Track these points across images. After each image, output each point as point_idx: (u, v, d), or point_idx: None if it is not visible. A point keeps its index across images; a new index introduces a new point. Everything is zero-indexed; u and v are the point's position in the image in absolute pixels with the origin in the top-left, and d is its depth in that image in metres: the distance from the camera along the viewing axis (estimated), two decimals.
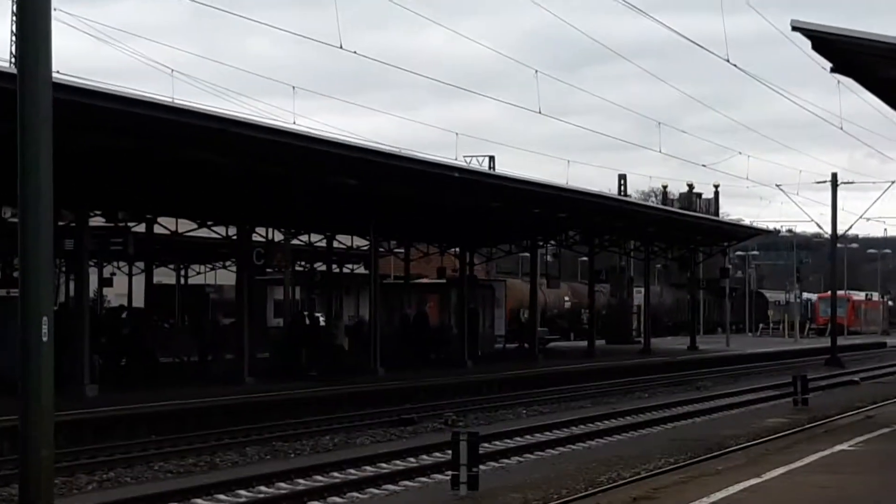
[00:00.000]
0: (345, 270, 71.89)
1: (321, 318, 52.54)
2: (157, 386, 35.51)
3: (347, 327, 51.48)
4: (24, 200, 12.65)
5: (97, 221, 38.75)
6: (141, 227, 46.15)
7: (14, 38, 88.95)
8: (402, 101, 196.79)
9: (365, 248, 59.26)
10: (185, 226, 53.01)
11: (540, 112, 42.60)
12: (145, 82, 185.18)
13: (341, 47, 31.51)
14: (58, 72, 20.23)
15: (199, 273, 74.32)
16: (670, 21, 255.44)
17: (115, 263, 61.48)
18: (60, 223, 33.25)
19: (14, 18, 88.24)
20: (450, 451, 21.11)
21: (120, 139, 28.66)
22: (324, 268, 63.48)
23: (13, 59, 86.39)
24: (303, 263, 66.68)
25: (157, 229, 49.09)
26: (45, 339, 12.78)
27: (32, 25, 12.54)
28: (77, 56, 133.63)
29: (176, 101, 30.08)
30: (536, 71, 49.18)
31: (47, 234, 12.86)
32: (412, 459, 25.36)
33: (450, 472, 20.70)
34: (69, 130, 23.28)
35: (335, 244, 59.72)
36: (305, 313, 50.77)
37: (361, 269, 70.66)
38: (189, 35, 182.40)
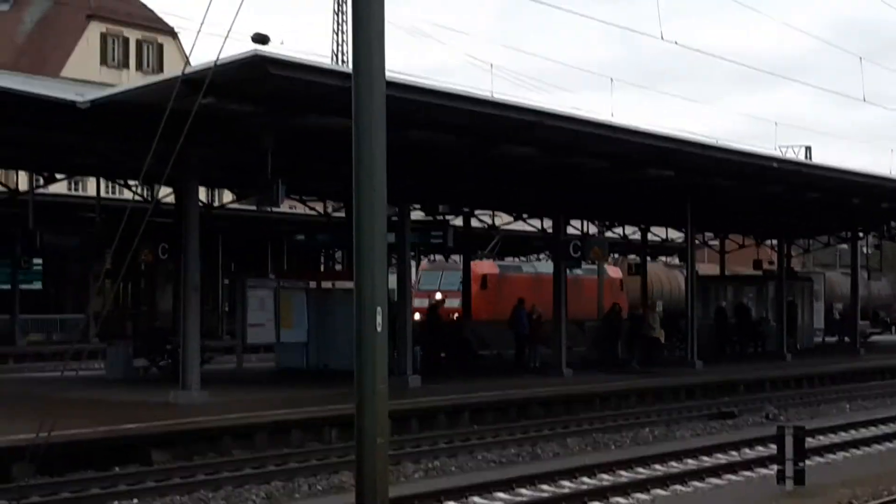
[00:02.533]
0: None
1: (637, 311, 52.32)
2: (475, 378, 36.02)
3: (663, 320, 51.12)
4: (359, 195, 12.96)
5: (417, 215, 39.52)
6: (458, 221, 46.89)
7: (336, 36, 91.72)
8: (712, 91, 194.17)
9: (679, 240, 58.75)
10: (500, 219, 53.66)
11: (864, 100, 41.44)
12: (464, 77, 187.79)
13: (662, 38, 31.38)
14: None
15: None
16: None
17: (430, 256, 62.60)
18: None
19: (336, 17, 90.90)
20: (773, 445, 20.73)
21: (441, 134, 29.14)
22: (638, 260, 63.25)
23: (335, 57, 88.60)
24: (616, 255, 66.58)
25: (474, 222, 49.78)
26: (379, 329, 13.08)
27: (367, 23, 12.83)
28: (396, 53, 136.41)
29: (494, 95, 30.43)
30: (861, 58, 47.83)
31: (381, 228, 13.15)
32: (734, 453, 25.01)
33: (774, 467, 20.35)
34: (392, 126, 23.78)
35: (649, 236, 59.39)
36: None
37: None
38: (506, 29, 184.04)
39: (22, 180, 44.19)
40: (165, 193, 39.83)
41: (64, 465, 20.57)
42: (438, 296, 50.64)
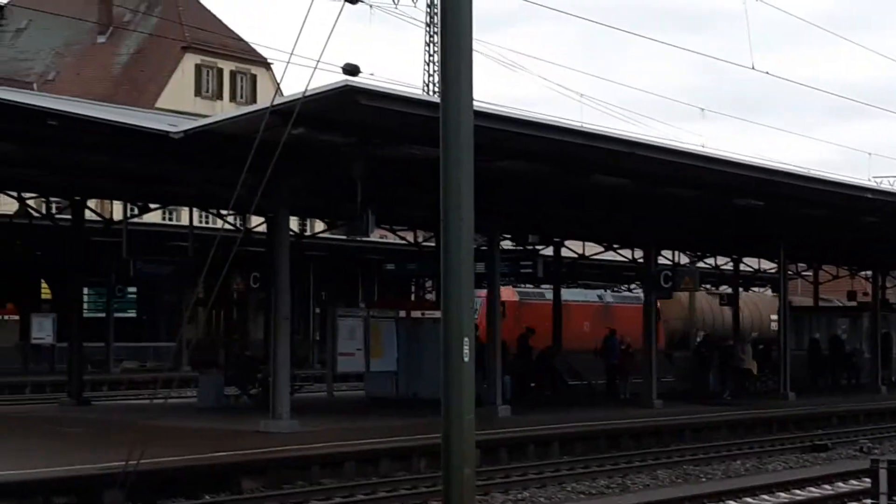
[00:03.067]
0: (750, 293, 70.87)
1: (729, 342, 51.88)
2: (565, 408, 35.89)
3: (755, 351, 50.67)
4: (447, 224, 12.99)
5: (506, 244, 39.51)
6: (548, 250, 46.82)
7: (427, 66, 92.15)
8: (804, 121, 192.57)
9: (772, 270, 58.20)
10: (590, 249, 53.50)
11: None
12: (554, 107, 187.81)
13: (753, 67, 31.20)
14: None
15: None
16: None
17: (520, 286, 62.55)
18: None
19: (427, 48, 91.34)
20: (867, 479, 20.45)
21: (530, 164, 29.12)
22: (730, 290, 62.76)
23: (426, 87, 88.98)
24: (707, 287, 66.13)
25: (564, 252, 49.67)
26: (466, 359, 13.08)
27: (455, 54, 12.88)
28: (485, 83, 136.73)
29: (584, 125, 30.35)
30: None
31: (468, 257, 13.17)
32: (827, 487, 24.69)
33: (868, 501, 20.08)
34: (482, 155, 23.82)
35: (741, 267, 58.92)
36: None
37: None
38: (595, 59, 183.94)
39: (117, 210, 44.74)
40: (258, 223, 40.17)
41: (155, 492, 20.71)
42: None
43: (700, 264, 57.03)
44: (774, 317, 58.03)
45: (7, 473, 18.08)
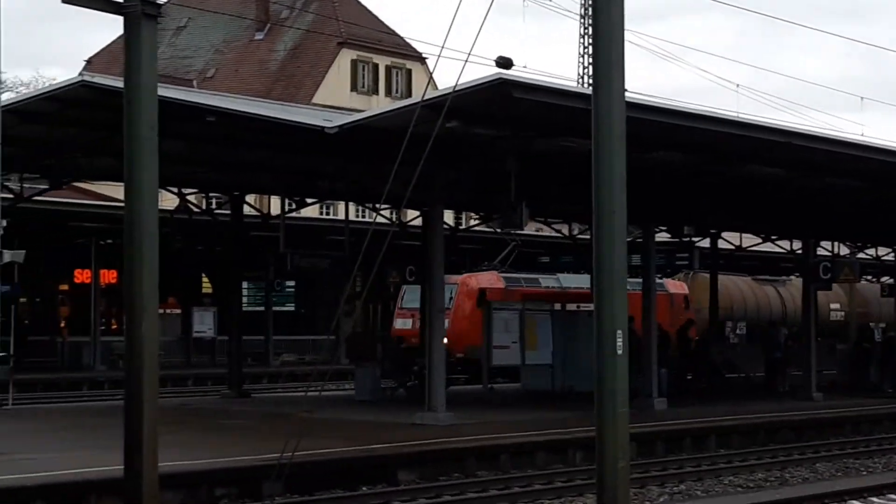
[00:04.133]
0: None
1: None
2: (722, 400, 35.56)
3: None
4: (599, 216, 12.98)
5: (662, 237, 39.24)
6: (704, 242, 46.38)
7: (581, 58, 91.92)
8: None
9: None
10: (748, 240, 52.87)
11: None
12: (710, 98, 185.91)
13: None
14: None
15: None
16: None
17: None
18: (627, 239, 33.87)
19: (582, 40, 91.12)
20: None
21: (686, 155, 28.89)
22: (891, 281, 61.55)
23: (580, 80, 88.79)
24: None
25: (721, 243, 49.15)
26: (619, 352, 13.06)
27: (607, 45, 12.86)
28: (640, 74, 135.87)
29: (740, 115, 30.02)
30: None
31: (621, 250, 13.15)
32: None
33: None
34: (636, 147, 23.70)
35: None
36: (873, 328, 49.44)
37: None
38: (752, 49, 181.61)
39: (274, 204, 45.35)
40: (413, 217, 40.41)
41: (313, 483, 20.99)
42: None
43: (861, 255, 56.03)
44: None
45: (171, 465, 18.42)
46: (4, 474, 18.99)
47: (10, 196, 31.91)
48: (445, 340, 42.92)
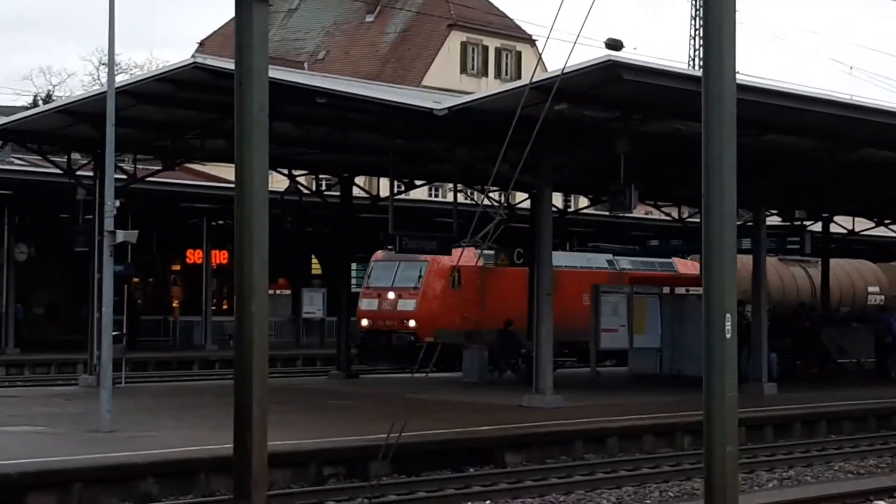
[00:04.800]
0: None
1: None
2: (833, 386, 35.17)
3: None
4: (709, 199, 12.87)
5: (773, 220, 38.85)
6: (816, 226, 45.85)
7: (692, 40, 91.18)
8: None
9: None
10: (861, 224, 52.19)
11: None
12: (824, 81, 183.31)
13: None
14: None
15: None
16: None
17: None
18: (737, 223, 33.59)
19: (693, 22, 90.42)
20: None
21: (797, 138, 28.59)
22: None
23: (691, 62, 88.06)
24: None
25: (833, 227, 48.54)
26: (728, 336, 12.95)
27: (717, 26, 12.74)
28: (748, 55, 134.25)
29: (854, 98, 29.64)
30: None
31: (730, 233, 13.02)
32: None
33: None
34: (747, 130, 23.51)
35: None
36: None
37: None
38: (866, 30, 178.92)
39: (383, 186, 45.55)
40: (522, 199, 40.38)
41: (421, 464, 21.11)
42: None
43: None
44: None
45: (281, 444, 18.62)
46: (116, 451, 19.32)
47: (124, 177, 32.33)
48: (413, 324, 41.60)
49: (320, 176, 39.10)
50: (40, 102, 71.80)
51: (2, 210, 46.76)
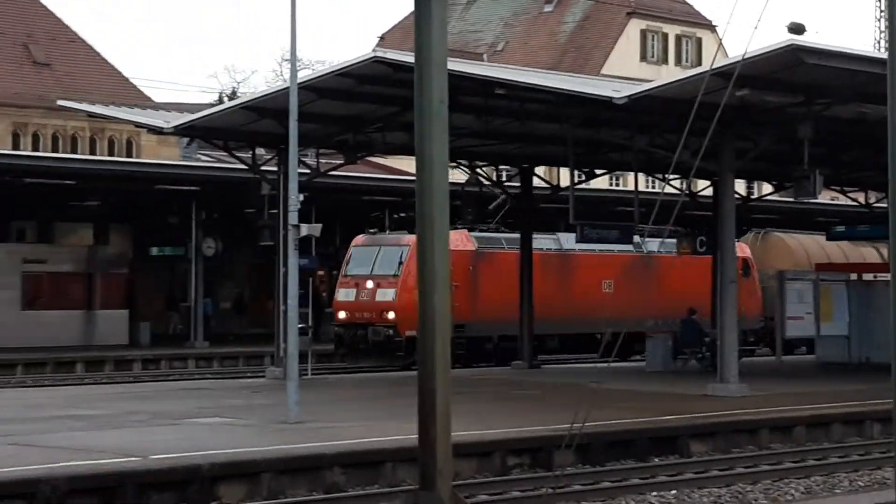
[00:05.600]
0: None
1: None
2: None
3: None
4: (894, 184, 12.62)
5: None
6: None
7: (877, 23, 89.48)
8: None
9: None
10: None
11: None
12: None
13: None
14: None
15: None
16: None
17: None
18: None
19: (878, 3, 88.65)
20: None
21: None
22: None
23: (876, 45, 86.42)
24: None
25: None
26: None
27: None
28: None
29: None
30: None
31: None
32: None
33: None
34: None
35: None
36: None
37: None
38: None
39: (564, 176, 45.46)
40: (703, 186, 39.99)
41: (605, 454, 21.05)
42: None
43: None
44: None
45: (466, 434, 18.73)
46: (304, 442, 19.62)
47: (307, 171, 32.79)
48: (392, 316, 37.91)
49: (501, 167, 39.19)
50: (225, 99, 73.17)
51: (189, 206, 47.80)
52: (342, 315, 39.43)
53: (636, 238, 36.39)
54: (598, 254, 41.31)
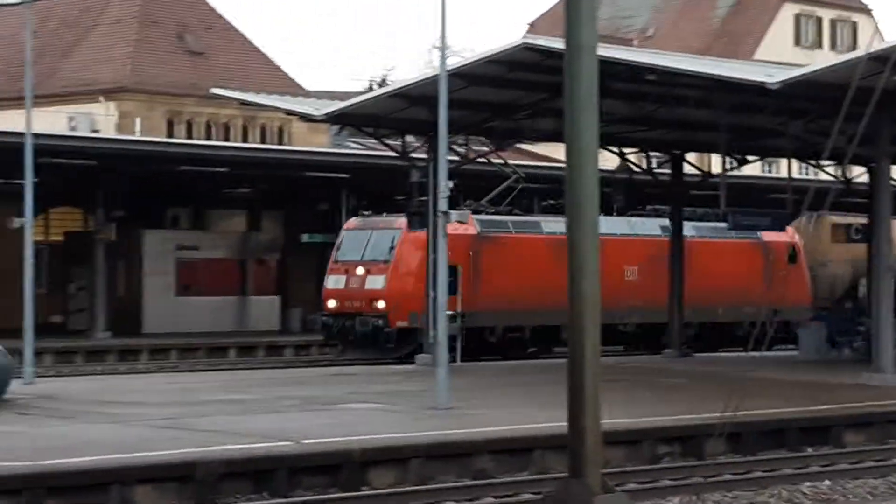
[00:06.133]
0: None
1: None
2: None
3: None
4: None
5: None
6: None
7: None
8: None
9: None
10: None
11: None
12: None
13: None
14: None
15: None
16: None
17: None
18: None
19: None
20: None
21: None
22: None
23: None
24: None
25: None
26: None
27: None
28: None
29: None
30: None
31: None
32: None
33: None
34: None
35: None
36: None
37: None
38: None
39: (715, 162, 45.00)
40: (858, 173, 39.27)
41: (757, 443, 20.80)
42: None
43: None
44: None
45: (614, 422, 18.63)
46: (454, 428, 19.67)
47: (456, 158, 32.84)
48: (382, 305, 35.66)
49: (651, 153, 38.88)
50: (375, 87, 73.62)
51: (339, 193, 48.17)
52: (331, 304, 37.17)
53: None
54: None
